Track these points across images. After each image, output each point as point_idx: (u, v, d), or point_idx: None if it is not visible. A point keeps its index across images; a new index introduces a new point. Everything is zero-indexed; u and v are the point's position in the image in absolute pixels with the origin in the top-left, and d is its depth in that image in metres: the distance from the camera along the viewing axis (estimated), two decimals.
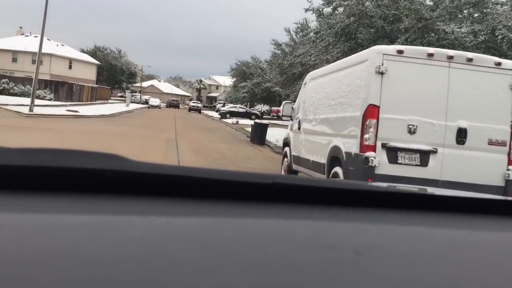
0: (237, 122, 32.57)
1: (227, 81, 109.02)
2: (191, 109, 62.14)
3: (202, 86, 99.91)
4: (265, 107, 51.58)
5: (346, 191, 0.82)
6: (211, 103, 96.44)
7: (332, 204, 0.77)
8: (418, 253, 0.63)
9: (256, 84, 49.43)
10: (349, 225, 0.71)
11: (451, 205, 0.86)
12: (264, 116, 45.69)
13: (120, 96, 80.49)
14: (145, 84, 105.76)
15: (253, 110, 48.28)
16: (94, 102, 49.12)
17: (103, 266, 0.47)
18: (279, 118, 53.36)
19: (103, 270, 0.46)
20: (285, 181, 0.77)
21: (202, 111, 61.98)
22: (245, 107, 45.79)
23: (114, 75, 71.69)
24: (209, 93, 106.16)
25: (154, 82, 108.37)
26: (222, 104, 79.39)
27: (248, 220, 0.67)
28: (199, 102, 69.08)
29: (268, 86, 47.21)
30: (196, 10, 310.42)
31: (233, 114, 42.89)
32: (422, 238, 0.70)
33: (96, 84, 67.87)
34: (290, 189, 0.76)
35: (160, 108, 60.93)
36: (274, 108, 48.49)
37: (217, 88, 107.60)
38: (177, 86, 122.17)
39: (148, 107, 59.86)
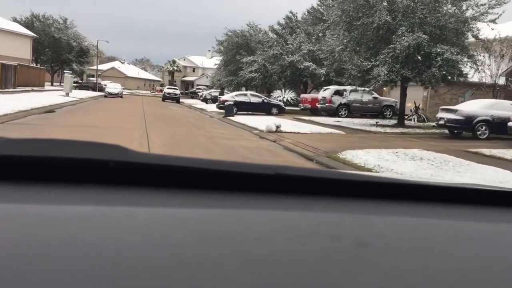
0: (277, 128, 15.50)
1: (206, 62, 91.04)
2: (166, 97, 44.39)
3: (175, 68, 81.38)
4: (289, 94, 34.31)
5: (349, 182, 0.81)
6: (186, 88, 78.65)
7: (336, 195, 0.78)
8: (423, 244, 0.63)
9: (273, 58, 31.98)
10: (353, 216, 0.71)
11: (455, 196, 0.86)
12: (287, 108, 28.75)
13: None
14: (105, 66, 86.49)
15: (273, 99, 30.99)
16: (13, 89, 31.05)
17: (105, 257, 0.47)
18: (313, 112, 30.42)
19: (105, 260, 0.47)
20: (287, 172, 0.75)
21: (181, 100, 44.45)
22: (261, 95, 28.43)
23: (58, 52, 52.88)
24: (184, 76, 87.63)
25: (116, 64, 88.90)
26: (203, 90, 62.60)
27: (251, 212, 0.67)
28: (176, 87, 51.20)
29: (293, 61, 30.08)
30: None
31: (241, 106, 25.64)
32: (427, 230, 0.70)
33: (35, 64, 49.49)
34: (293, 180, 0.76)
35: (121, 97, 42.99)
36: (306, 97, 31.55)
37: (193, 71, 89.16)
38: (145, 70, 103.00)
39: (105, 96, 41.95)
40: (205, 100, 42.91)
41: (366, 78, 18.95)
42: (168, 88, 48.38)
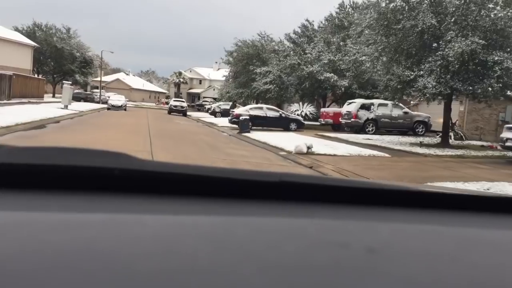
0: (308, 149, 12.88)
1: (213, 74, 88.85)
2: (172, 110, 41.78)
3: (182, 80, 79.13)
4: (308, 108, 31.64)
5: (354, 189, 0.82)
6: (193, 101, 76.28)
7: (341, 203, 0.78)
8: (432, 251, 0.63)
9: (289, 68, 29.36)
10: (360, 223, 0.72)
11: (461, 204, 0.86)
12: (306, 123, 26.06)
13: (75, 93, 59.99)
14: (109, 78, 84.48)
15: (290, 113, 28.29)
16: (7, 101, 28.64)
17: (121, 264, 0.48)
18: (335, 127, 26.91)
19: (121, 267, 0.47)
20: (292, 179, 0.77)
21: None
22: (278, 109, 25.75)
23: (60, 63, 50.65)
24: (190, 88, 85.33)
25: (120, 75, 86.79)
26: (210, 103, 60.27)
27: (258, 218, 0.68)
28: (183, 100, 48.61)
29: (313, 71, 27.46)
30: (166, 7, 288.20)
31: (257, 121, 23.02)
32: (435, 237, 0.70)
33: (37, 75, 47.25)
34: (297, 188, 0.76)
35: (125, 109, 40.38)
36: (328, 111, 28.36)
37: (200, 83, 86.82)
38: (150, 82, 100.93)
39: (108, 109, 39.45)
40: (213, 113, 40.26)
41: (407, 90, 16.31)
42: (174, 100, 45.71)
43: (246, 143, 16.63)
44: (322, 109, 28.48)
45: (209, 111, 41.36)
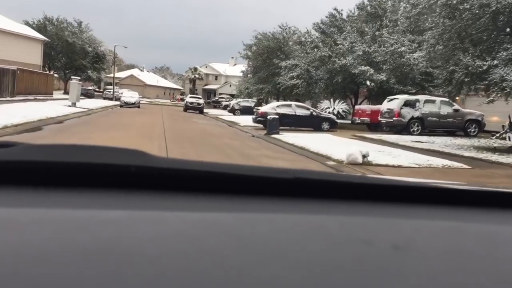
0: (364, 158, 10.12)
1: (229, 69, 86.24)
2: (188, 107, 39.24)
3: (197, 75, 76.71)
4: (340, 105, 28.76)
5: (370, 186, 0.81)
6: (208, 97, 73.75)
7: (358, 200, 0.77)
8: (457, 249, 0.63)
9: (318, 61, 26.41)
10: (381, 220, 0.71)
11: (483, 200, 0.86)
12: (340, 122, 23.22)
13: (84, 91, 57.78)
14: (123, 74, 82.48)
15: (321, 110, 25.43)
16: (11, 98, 26.38)
17: (147, 262, 0.47)
18: (372, 127, 23.27)
19: (148, 265, 0.47)
20: (307, 176, 0.77)
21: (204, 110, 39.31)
22: (308, 107, 22.95)
23: (71, 58, 48.54)
24: (206, 85, 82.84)
25: (134, 71, 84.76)
26: (228, 99, 57.82)
27: (278, 216, 0.67)
28: (199, 96, 45.72)
29: (346, 64, 24.53)
30: (181, 4, 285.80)
31: (285, 119, 20.29)
32: (459, 234, 0.70)
33: (48, 70, 45.16)
34: (312, 185, 0.76)
35: (139, 107, 37.99)
36: (364, 108, 24.77)
37: (216, 79, 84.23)
38: (164, 78, 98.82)
39: (120, 106, 37.11)
40: (232, 110, 37.49)
41: (476, 84, 13.46)
42: (190, 97, 42.92)
43: (281, 149, 13.89)
44: (357, 107, 25.55)
45: (228, 109, 38.71)
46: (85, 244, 0.50)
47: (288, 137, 16.16)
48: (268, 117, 18.89)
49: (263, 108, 22.90)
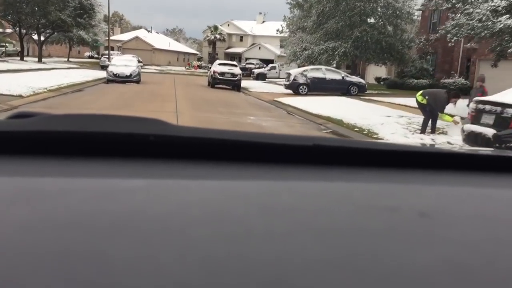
0: None
1: (256, 28, 70.66)
2: (217, 81, 24.13)
3: (218, 36, 61.14)
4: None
5: (391, 152, 0.79)
6: None
7: (380, 167, 0.75)
8: (486, 215, 0.62)
9: None
10: (406, 187, 0.70)
11: (509, 166, 0.83)
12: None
13: (80, 58, 43.49)
14: (125, 36, 67.60)
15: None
16: None
17: (175, 229, 0.48)
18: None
19: (175, 232, 0.47)
20: (326, 143, 0.76)
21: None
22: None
23: (44, 10, 33.80)
24: (228, 48, 67.44)
25: (140, 33, 69.24)
26: (262, 66, 43.28)
27: (300, 183, 0.67)
28: (234, 63, 27.41)
29: None
30: None
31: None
32: (487, 200, 0.68)
33: (14, 28, 30.99)
34: (332, 152, 0.75)
35: (138, 81, 23.25)
36: None
37: (241, 40, 68.63)
38: (177, 41, 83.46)
39: (107, 81, 22.68)
40: (294, 86, 21.47)
41: None
42: (220, 64, 25.76)
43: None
44: None
45: (286, 83, 22.50)
46: (113, 212, 0.50)
47: None
48: None
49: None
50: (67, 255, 0.41)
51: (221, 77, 24.30)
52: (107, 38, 45.69)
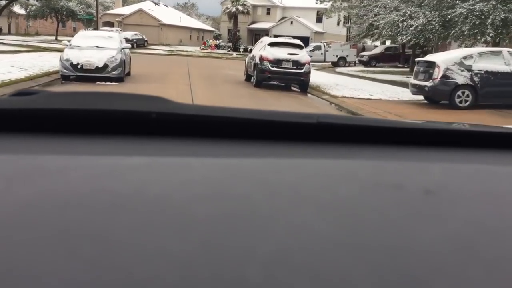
0: None
1: None
2: (268, 77, 13.50)
3: (241, 7, 49.45)
4: None
5: (395, 130, 0.79)
6: (255, 43, 47.63)
7: (383, 144, 0.76)
8: (492, 192, 0.61)
9: None
10: (410, 164, 0.69)
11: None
12: None
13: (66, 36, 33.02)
14: (127, 10, 56.21)
15: None
16: None
17: (177, 207, 0.47)
18: None
19: (177, 210, 0.47)
20: (329, 121, 0.75)
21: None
22: None
23: None
24: (252, 22, 55.71)
25: (145, 5, 57.56)
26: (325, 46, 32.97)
27: (303, 161, 0.66)
28: (298, 42, 14.33)
29: None
30: None
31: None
32: (493, 177, 0.68)
33: None
34: (336, 129, 0.75)
35: (121, 79, 12.48)
36: None
37: (268, 13, 56.57)
38: (189, 16, 71.83)
39: (62, 78, 11.86)
40: (444, 92, 10.53)
41: None
42: (271, 44, 13.90)
43: None
44: None
45: (417, 83, 11.01)
46: (114, 189, 0.50)
47: None
48: None
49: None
50: (68, 232, 0.41)
51: (276, 68, 13.32)
52: (105, 11, 34.78)
